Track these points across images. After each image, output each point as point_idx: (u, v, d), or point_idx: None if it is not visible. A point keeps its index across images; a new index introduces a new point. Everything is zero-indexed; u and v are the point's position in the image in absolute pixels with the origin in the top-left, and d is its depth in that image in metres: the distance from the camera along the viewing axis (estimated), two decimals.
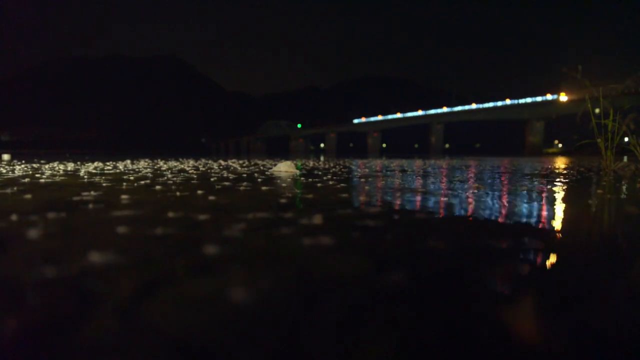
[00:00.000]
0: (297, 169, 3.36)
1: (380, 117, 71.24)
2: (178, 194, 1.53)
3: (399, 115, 68.57)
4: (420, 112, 66.22)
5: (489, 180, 2.36)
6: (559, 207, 1.29)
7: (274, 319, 0.42)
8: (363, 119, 73.53)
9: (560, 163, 6.39)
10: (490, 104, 59.44)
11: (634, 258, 0.69)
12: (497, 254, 0.69)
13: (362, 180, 2.32)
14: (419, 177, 2.57)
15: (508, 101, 56.94)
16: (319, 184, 1.99)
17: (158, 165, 3.91)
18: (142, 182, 2.02)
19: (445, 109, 64.90)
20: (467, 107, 62.32)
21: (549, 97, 51.06)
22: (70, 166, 3.54)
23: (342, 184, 2.00)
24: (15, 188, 1.67)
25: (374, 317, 0.42)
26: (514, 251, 0.71)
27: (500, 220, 1.04)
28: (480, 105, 60.72)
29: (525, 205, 1.32)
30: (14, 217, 0.98)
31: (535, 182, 2.24)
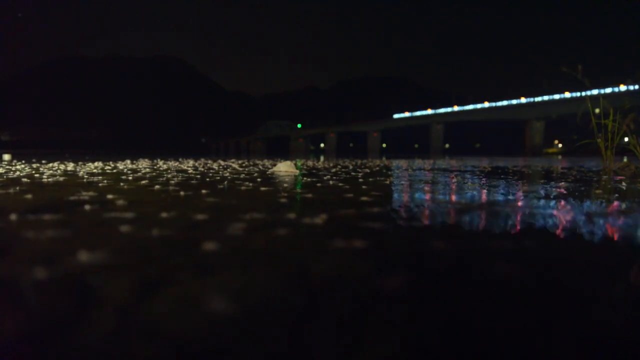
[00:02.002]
0: (297, 169, 3.36)
1: (430, 111, 66.71)
2: (182, 193, 1.53)
3: (456, 108, 64.90)
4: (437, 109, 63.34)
5: None
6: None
7: (275, 320, 0.41)
8: (406, 114, 69.39)
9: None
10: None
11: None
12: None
13: (361, 180, 2.32)
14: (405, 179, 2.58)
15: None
16: (318, 184, 2.00)
17: (158, 165, 3.91)
18: (142, 182, 2.03)
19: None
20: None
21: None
22: (71, 166, 3.54)
23: (342, 184, 2.01)
24: (17, 188, 1.67)
25: (375, 318, 0.42)
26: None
27: None
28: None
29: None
30: (14, 217, 0.98)
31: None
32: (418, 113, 62.97)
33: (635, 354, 0.35)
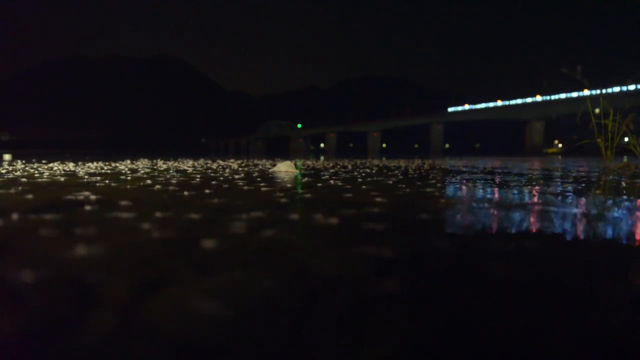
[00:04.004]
0: (297, 168, 3.36)
1: (492, 104, 61.42)
2: (185, 193, 1.53)
3: (460, 108, 62.51)
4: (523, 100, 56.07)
5: None
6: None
7: (275, 320, 0.41)
8: (466, 106, 64.82)
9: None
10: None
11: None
12: None
13: (361, 180, 2.33)
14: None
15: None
16: (318, 184, 2.00)
17: (158, 166, 3.92)
18: (142, 182, 2.03)
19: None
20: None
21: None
22: (71, 166, 3.54)
23: (342, 183, 2.01)
24: (19, 188, 1.68)
25: (375, 318, 0.42)
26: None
27: None
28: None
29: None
30: (14, 217, 0.98)
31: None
32: (479, 106, 60.63)
33: (635, 354, 0.35)
